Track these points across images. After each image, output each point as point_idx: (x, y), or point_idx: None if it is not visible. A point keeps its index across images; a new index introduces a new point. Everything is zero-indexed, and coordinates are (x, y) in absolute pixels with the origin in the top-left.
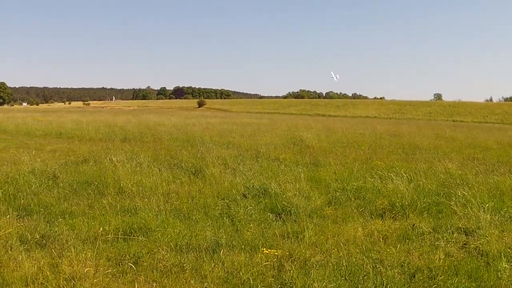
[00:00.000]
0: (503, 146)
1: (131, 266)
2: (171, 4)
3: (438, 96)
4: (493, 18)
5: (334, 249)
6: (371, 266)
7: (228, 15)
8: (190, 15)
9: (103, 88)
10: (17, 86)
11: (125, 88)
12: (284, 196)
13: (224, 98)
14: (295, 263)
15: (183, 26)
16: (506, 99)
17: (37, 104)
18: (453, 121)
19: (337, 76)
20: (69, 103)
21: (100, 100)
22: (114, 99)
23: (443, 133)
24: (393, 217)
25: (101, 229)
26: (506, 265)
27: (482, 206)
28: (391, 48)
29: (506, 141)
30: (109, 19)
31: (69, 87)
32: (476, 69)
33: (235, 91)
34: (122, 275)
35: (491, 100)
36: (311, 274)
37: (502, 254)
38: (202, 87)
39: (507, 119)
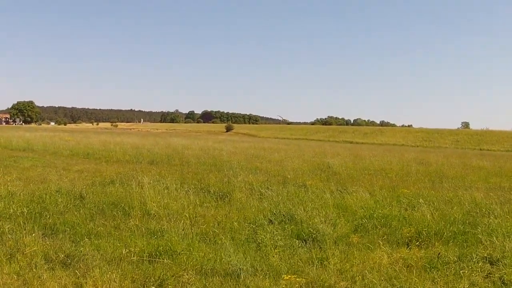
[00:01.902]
0: None
1: None
2: (200, 27)
3: (465, 125)
4: None
5: (358, 276)
6: None
7: (257, 41)
8: (218, 40)
9: (131, 110)
10: (45, 106)
11: (153, 111)
12: (310, 222)
13: (252, 123)
14: None
15: (213, 50)
16: None
17: (65, 124)
18: (480, 149)
19: (282, 117)
20: (97, 124)
21: (128, 122)
22: (142, 121)
23: (469, 161)
24: (418, 245)
25: (126, 250)
26: None
27: (508, 235)
28: (420, 75)
29: None
30: (138, 42)
31: (98, 108)
32: (505, 97)
33: (263, 117)
34: None
35: None
36: None
37: None
38: (230, 111)
39: None
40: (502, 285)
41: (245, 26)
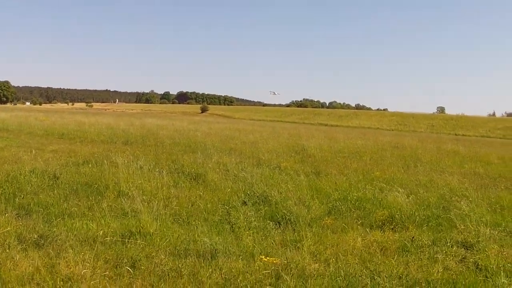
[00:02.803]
0: (505, 161)
1: (128, 270)
2: (178, 9)
3: (441, 109)
4: (499, 34)
5: (332, 259)
6: (369, 277)
7: (234, 23)
8: (195, 21)
9: (106, 91)
10: (20, 86)
11: (128, 91)
12: (285, 204)
13: (228, 105)
14: (293, 271)
15: (189, 32)
16: (509, 114)
17: (40, 104)
18: (455, 134)
19: (276, 92)
20: (72, 104)
21: (103, 102)
22: (117, 101)
23: (444, 146)
24: (392, 228)
25: (99, 231)
26: (505, 281)
27: (482, 220)
28: (396, 60)
29: (508, 156)
30: (115, 22)
31: (73, 88)
32: (480, 84)
33: (238, 98)
34: (119, 278)
35: (494, 114)
36: (308, 284)
37: (501, 269)
38: (205, 92)
39: (510, 134)
40: (477, 269)
41: (221, 6)
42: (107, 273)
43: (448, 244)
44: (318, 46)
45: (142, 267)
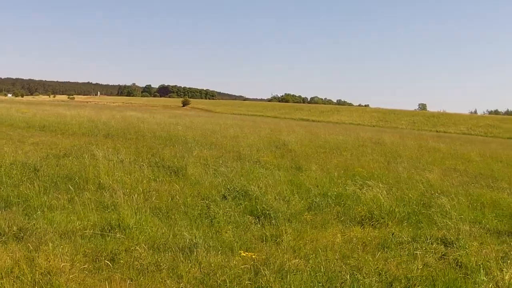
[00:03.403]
0: (486, 158)
1: (107, 263)
2: (160, 2)
3: (422, 106)
4: (481, 32)
5: (312, 254)
6: (349, 273)
7: (216, 17)
8: (177, 14)
9: (88, 83)
10: (2, 77)
11: (110, 84)
12: (264, 199)
13: (209, 99)
14: (272, 267)
15: (171, 25)
16: (490, 112)
17: (22, 96)
18: (437, 131)
19: (278, 94)
20: (54, 96)
21: (85, 95)
22: (99, 94)
23: (425, 143)
24: (372, 225)
25: (79, 224)
26: (484, 278)
27: (462, 217)
28: (378, 56)
29: (488, 154)
30: (97, 14)
31: (55, 80)
32: (463, 81)
33: (220, 92)
34: (98, 272)
35: (475, 112)
36: (287, 279)
37: (481, 266)
38: (187, 86)
39: (491, 132)
40: (457, 266)
41: (205, 1)
42: (86, 266)
43: (428, 240)
44: (300, 41)
45: (121, 261)
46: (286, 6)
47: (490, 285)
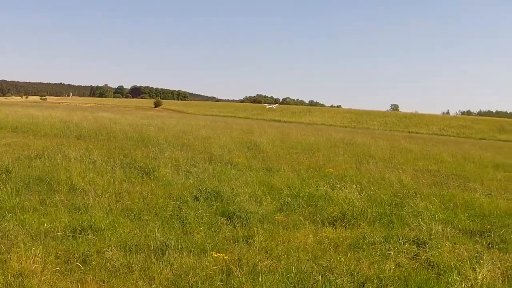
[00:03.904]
0: (458, 159)
1: (79, 265)
2: (133, 2)
3: (395, 107)
4: (454, 33)
5: (284, 255)
6: (321, 274)
7: (187, 18)
8: (150, 15)
9: (61, 84)
10: None
11: (82, 85)
12: (236, 200)
13: (181, 99)
14: (244, 268)
15: (144, 25)
16: (463, 113)
17: None
18: (409, 132)
19: (273, 106)
20: (26, 97)
21: (57, 96)
22: (71, 95)
23: (398, 144)
24: (344, 225)
25: (51, 225)
26: (457, 278)
27: (435, 217)
28: (350, 57)
29: (461, 154)
30: (68, 14)
31: (27, 81)
32: (435, 82)
33: (192, 93)
34: (70, 273)
35: (448, 113)
36: (259, 280)
37: (453, 266)
38: (159, 87)
39: (463, 133)
40: (429, 266)
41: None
42: (58, 268)
43: (401, 241)
44: (272, 41)
45: (93, 263)
46: (253, 6)
47: (463, 285)
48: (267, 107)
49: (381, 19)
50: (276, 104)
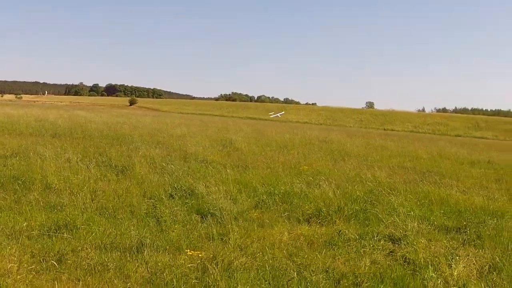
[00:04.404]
0: (433, 156)
1: (54, 264)
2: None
3: (370, 105)
4: (430, 33)
5: (259, 252)
6: (296, 271)
7: (161, 15)
8: (124, 14)
9: (36, 82)
10: None
11: (58, 83)
12: (211, 197)
13: (156, 97)
14: (219, 265)
15: (118, 23)
16: (438, 110)
17: None
18: (384, 129)
19: (278, 115)
20: (2, 96)
21: (32, 94)
22: (46, 93)
23: (373, 141)
24: (319, 222)
25: (26, 224)
26: (433, 274)
27: (410, 214)
28: (326, 54)
29: (436, 151)
30: (43, 12)
31: (2, 80)
32: (410, 80)
33: (167, 91)
34: (46, 272)
35: (423, 110)
36: (235, 277)
37: (429, 263)
38: (134, 85)
39: (438, 130)
40: (405, 263)
41: None
42: (33, 267)
43: (376, 238)
44: (246, 39)
45: (69, 261)
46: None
47: (439, 281)
48: (272, 116)
49: (355, 17)
50: (283, 112)
